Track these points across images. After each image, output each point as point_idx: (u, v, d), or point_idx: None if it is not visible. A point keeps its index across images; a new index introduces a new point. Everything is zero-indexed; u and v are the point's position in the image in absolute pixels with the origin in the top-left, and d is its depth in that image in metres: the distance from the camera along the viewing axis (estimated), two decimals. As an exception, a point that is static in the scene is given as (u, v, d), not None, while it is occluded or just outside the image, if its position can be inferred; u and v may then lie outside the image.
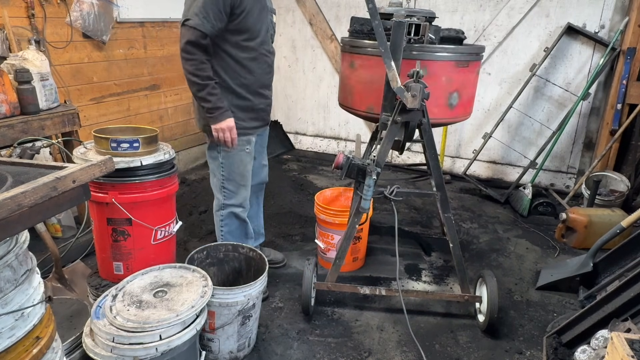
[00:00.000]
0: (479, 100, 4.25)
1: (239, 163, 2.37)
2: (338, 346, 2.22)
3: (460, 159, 4.55)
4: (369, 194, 2.10)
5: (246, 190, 2.45)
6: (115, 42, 3.61)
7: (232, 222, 2.48)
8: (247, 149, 2.37)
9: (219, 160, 2.36)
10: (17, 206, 1.00)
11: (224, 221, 2.47)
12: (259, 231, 2.83)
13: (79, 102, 3.35)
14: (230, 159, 2.35)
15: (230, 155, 2.34)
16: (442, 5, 4.19)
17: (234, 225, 2.49)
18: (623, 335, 1.27)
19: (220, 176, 2.39)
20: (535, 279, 2.81)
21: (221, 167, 2.37)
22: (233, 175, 2.38)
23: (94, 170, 1.27)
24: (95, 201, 1.99)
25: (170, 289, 1.78)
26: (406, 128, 2.12)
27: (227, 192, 2.42)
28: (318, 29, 4.75)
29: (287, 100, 5.16)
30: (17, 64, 2.56)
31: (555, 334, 2.10)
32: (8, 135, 2.44)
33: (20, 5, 2.89)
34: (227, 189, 2.41)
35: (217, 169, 2.38)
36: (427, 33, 2.17)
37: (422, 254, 3.11)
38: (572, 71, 3.91)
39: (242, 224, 2.52)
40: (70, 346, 1.72)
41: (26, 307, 1.14)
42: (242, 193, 2.44)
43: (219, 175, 2.39)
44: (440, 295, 2.50)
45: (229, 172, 2.37)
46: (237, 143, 2.27)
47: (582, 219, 3.14)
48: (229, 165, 2.36)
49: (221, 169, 2.37)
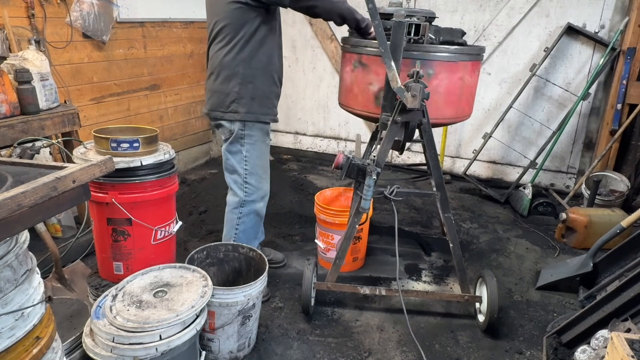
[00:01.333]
0: (479, 100, 4.25)
1: (261, 155, 2.37)
2: (338, 346, 2.22)
3: (460, 159, 4.55)
4: (369, 194, 2.10)
5: (267, 183, 2.45)
6: (115, 42, 3.61)
7: (250, 220, 2.46)
8: (267, 141, 2.39)
9: (242, 154, 2.32)
10: (17, 206, 1.00)
11: (242, 219, 2.44)
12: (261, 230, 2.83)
13: (79, 102, 3.35)
14: (254, 151, 2.33)
15: (254, 147, 2.33)
16: (442, 5, 4.19)
17: (251, 224, 2.47)
18: (623, 335, 1.27)
19: (242, 171, 2.35)
20: (535, 279, 2.81)
21: (244, 161, 2.33)
22: (256, 168, 2.37)
23: (94, 170, 1.27)
24: (95, 201, 1.99)
25: (170, 289, 1.78)
26: (406, 128, 2.12)
27: (250, 187, 2.39)
28: (318, 29, 4.75)
29: (287, 100, 5.15)
30: (17, 64, 2.56)
31: (555, 334, 2.10)
32: (8, 135, 2.44)
33: (20, 5, 2.89)
34: (250, 183, 2.39)
35: (239, 163, 2.35)
36: (427, 33, 2.17)
37: (422, 254, 3.11)
38: (572, 71, 3.91)
39: (258, 222, 2.51)
40: (70, 346, 1.72)
41: (26, 307, 1.14)
42: (264, 187, 2.44)
43: (242, 170, 2.35)
44: (440, 295, 2.50)
45: (252, 166, 2.35)
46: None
47: (582, 219, 3.14)
48: (252, 159, 2.34)
49: (244, 163, 2.34)
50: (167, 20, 4.07)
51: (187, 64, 4.38)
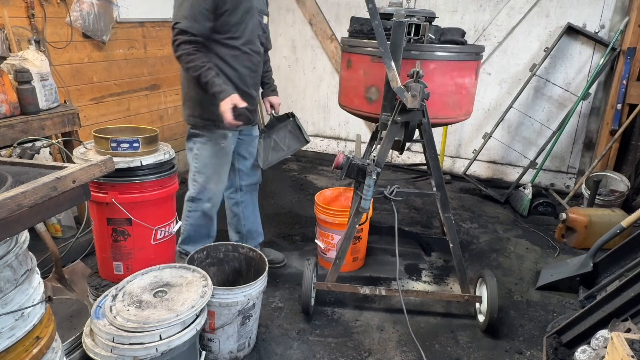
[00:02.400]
0: (479, 100, 4.25)
1: (212, 157, 2.38)
2: (338, 346, 2.22)
3: (460, 159, 4.55)
4: (369, 194, 2.09)
5: (216, 186, 2.45)
6: (115, 42, 3.61)
7: (198, 217, 2.49)
8: (222, 144, 2.38)
9: (193, 152, 2.41)
10: (17, 206, 1.00)
11: (191, 213, 2.49)
12: (257, 230, 2.84)
13: (79, 102, 3.34)
14: (204, 150, 2.37)
15: (206, 147, 2.37)
16: (442, 5, 4.19)
17: (199, 221, 2.50)
18: (623, 335, 1.27)
19: (193, 167, 2.43)
20: (535, 279, 2.81)
21: (195, 159, 2.41)
22: (205, 168, 2.40)
23: (94, 170, 1.27)
24: (95, 201, 1.98)
25: (170, 289, 1.78)
26: (406, 128, 2.12)
27: (197, 184, 2.43)
28: (318, 29, 4.75)
29: (287, 100, 5.15)
30: (17, 64, 2.56)
31: (555, 334, 2.10)
32: (8, 135, 2.44)
33: (20, 5, 2.89)
34: (197, 181, 2.43)
35: (192, 160, 2.43)
36: (427, 33, 2.17)
37: (422, 254, 3.11)
38: (572, 71, 3.91)
39: (208, 223, 2.52)
40: (70, 346, 1.72)
41: (26, 307, 1.14)
42: (211, 188, 2.44)
43: (192, 166, 2.43)
44: (440, 295, 2.50)
45: (202, 165, 2.40)
46: (233, 122, 2.23)
47: (582, 219, 3.14)
48: (202, 158, 2.39)
49: (194, 161, 2.41)
50: (167, 20, 4.07)
51: (187, 64, 4.38)
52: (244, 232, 2.78)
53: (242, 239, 2.79)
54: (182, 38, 2.09)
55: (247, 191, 2.70)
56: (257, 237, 2.84)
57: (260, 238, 2.87)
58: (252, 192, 2.74)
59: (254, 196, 2.78)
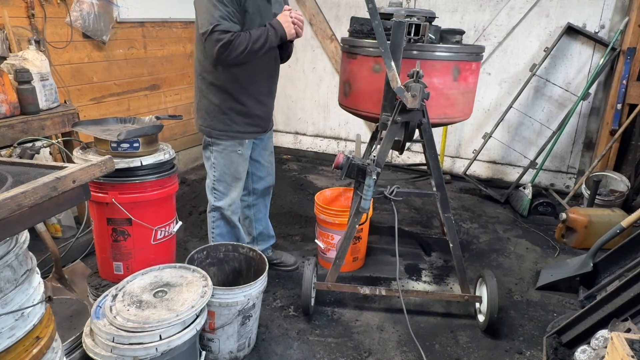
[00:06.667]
0: (479, 100, 4.25)
1: (230, 164, 2.37)
2: (338, 346, 2.22)
3: (460, 159, 4.55)
4: (369, 194, 2.10)
5: (236, 192, 2.44)
6: (115, 42, 3.61)
7: (223, 226, 2.49)
8: (239, 151, 2.37)
9: (211, 161, 2.39)
10: (17, 206, 1.00)
11: (215, 223, 2.48)
12: (268, 233, 2.83)
13: (79, 102, 3.35)
14: (221, 159, 2.36)
15: (222, 155, 2.35)
16: (442, 5, 4.19)
17: (225, 229, 2.50)
18: (623, 335, 1.27)
19: (211, 176, 2.41)
20: (535, 279, 2.81)
21: (213, 168, 2.39)
22: (224, 176, 2.39)
23: (94, 170, 1.27)
24: (95, 201, 1.98)
25: (170, 289, 1.78)
26: (406, 128, 2.12)
27: (217, 193, 2.43)
28: (318, 29, 4.75)
29: (287, 100, 5.15)
30: (17, 64, 2.56)
31: (555, 334, 2.10)
32: (8, 135, 2.44)
33: (20, 5, 2.89)
34: (217, 190, 2.42)
35: (210, 169, 2.41)
36: (427, 33, 2.17)
37: (422, 254, 3.11)
38: (572, 71, 3.91)
39: (233, 228, 2.52)
40: (70, 346, 1.72)
41: (26, 307, 1.14)
42: (232, 195, 2.44)
43: (211, 175, 2.41)
44: (440, 295, 2.50)
45: (220, 173, 2.39)
46: (302, 22, 2.19)
47: (582, 219, 3.14)
48: (220, 166, 2.38)
49: (213, 169, 2.39)
50: (167, 20, 4.07)
51: (187, 64, 4.38)
52: (255, 234, 2.78)
53: (254, 241, 2.78)
54: (226, 37, 2.01)
55: (260, 195, 2.70)
56: (268, 239, 2.84)
57: (272, 240, 2.87)
58: (265, 196, 2.75)
59: (267, 199, 2.79)
